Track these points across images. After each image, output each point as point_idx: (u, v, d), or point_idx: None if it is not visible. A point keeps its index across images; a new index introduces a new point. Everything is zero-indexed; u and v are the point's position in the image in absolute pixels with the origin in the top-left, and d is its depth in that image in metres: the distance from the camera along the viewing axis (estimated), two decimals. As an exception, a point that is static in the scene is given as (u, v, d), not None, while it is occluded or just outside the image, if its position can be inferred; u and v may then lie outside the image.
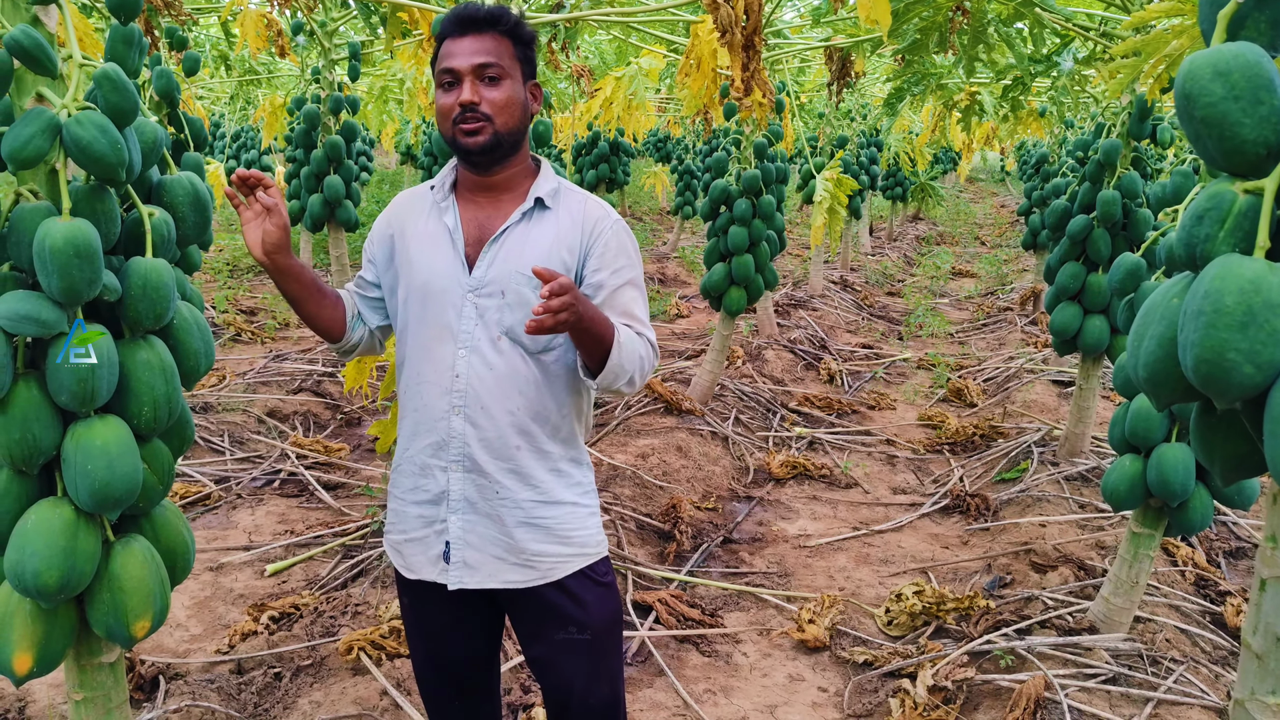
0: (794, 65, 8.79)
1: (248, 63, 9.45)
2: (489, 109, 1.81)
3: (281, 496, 4.59)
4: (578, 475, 1.95)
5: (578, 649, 1.93)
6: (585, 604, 1.93)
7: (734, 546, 4.37)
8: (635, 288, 1.91)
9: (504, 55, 1.83)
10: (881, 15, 2.24)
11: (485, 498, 1.87)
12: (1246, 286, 1.05)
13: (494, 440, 1.85)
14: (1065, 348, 4.83)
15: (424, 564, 1.93)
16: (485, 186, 1.91)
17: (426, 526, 1.91)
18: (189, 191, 1.82)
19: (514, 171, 1.92)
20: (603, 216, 1.91)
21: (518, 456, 1.86)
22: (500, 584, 1.89)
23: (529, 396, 1.86)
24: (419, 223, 1.94)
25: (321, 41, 6.17)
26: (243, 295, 8.98)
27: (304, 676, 3.04)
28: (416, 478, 1.92)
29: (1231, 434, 1.22)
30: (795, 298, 9.42)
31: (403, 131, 14.44)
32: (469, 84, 1.80)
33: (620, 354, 1.80)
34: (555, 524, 1.89)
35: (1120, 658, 3.23)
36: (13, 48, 1.51)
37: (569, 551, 1.91)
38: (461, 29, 1.83)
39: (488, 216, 1.90)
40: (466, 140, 1.82)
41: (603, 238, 1.88)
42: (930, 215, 18.44)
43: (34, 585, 1.60)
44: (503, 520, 1.87)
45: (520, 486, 1.87)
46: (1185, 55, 2.69)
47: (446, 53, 1.84)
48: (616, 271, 1.88)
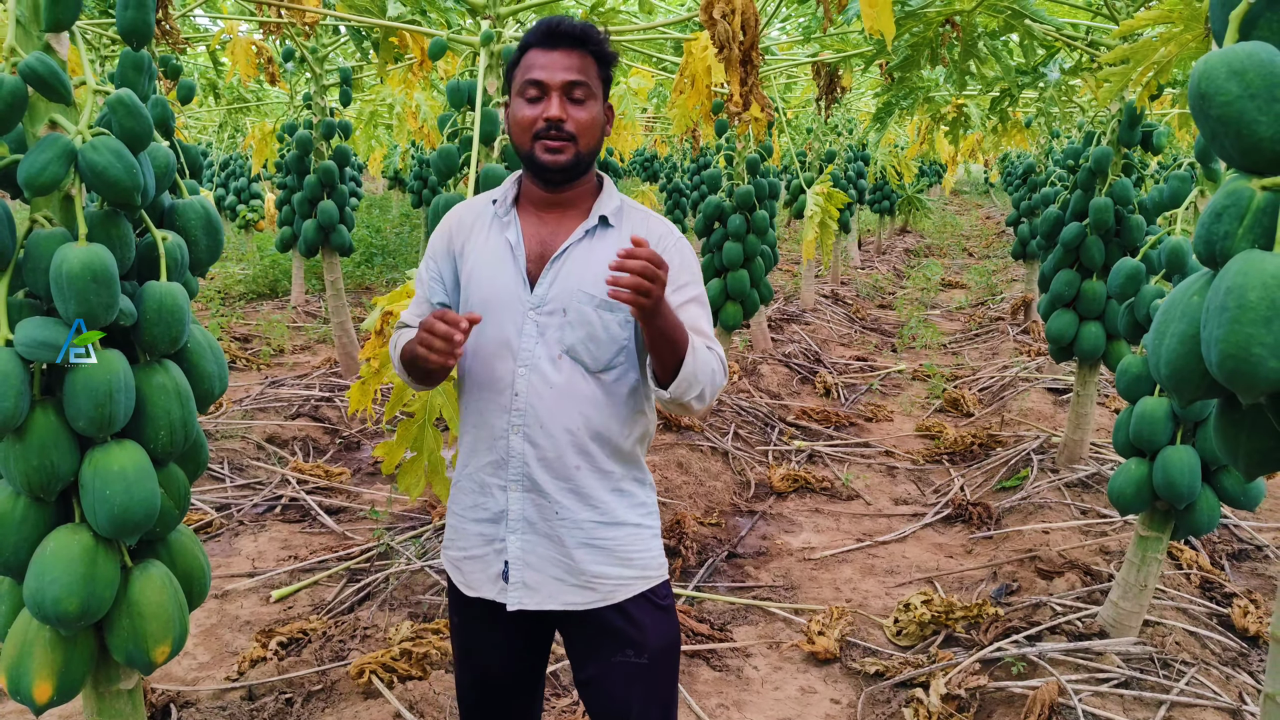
0: (781, 82, 8.85)
1: (237, 90, 9.47)
2: (574, 128, 1.77)
3: (284, 522, 4.57)
4: (641, 495, 1.91)
5: (634, 672, 1.87)
6: (644, 627, 1.87)
7: (739, 561, 4.36)
8: (700, 305, 1.86)
9: (591, 74, 1.80)
10: (886, 26, 2.26)
11: (545, 518, 1.82)
12: (1270, 281, 1.06)
13: (553, 460, 1.81)
14: (1061, 355, 4.86)
15: (484, 582, 1.88)
16: (551, 203, 1.87)
17: (486, 545, 1.87)
18: (201, 215, 1.83)
19: (581, 189, 1.88)
20: (666, 233, 1.88)
21: (577, 476, 1.82)
22: (560, 605, 1.84)
23: (589, 416, 1.81)
24: (480, 237, 1.89)
25: (312, 67, 6.19)
26: (236, 322, 8.96)
27: (315, 701, 3.02)
28: (476, 495, 1.89)
29: (1256, 429, 1.23)
30: (788, 312, 9.46)
31: (391, 156, 14.48)
32: (557, 100, 1.76)
33: (695, 362, 1.74)
34: (616, 545, 1.85)
35: (1132, 661, 3.23)
36: (28, 75, 1.51)
37: (630, 574, 1.86)
38: (552, 42, 1.78)
39: (550, 233, 1.86)
40: (547, 157, 1.78)
41: (667, 255, 1.84)
42: (917, 228, 18.58)
43: (54, 612, 1.59)
44: (563, 541, 1.82)
45: (580, 506, 1.83)
46: (1173, 62, 2.74)
47: (533, 63, 1.78)
48: (681, 288, 1.84)
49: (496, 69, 3.32)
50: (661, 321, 1.67)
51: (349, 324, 6.83)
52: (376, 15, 4.20)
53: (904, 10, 3.47)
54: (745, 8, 2.87)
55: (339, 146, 6.51)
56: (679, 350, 1.72)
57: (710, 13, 2.92)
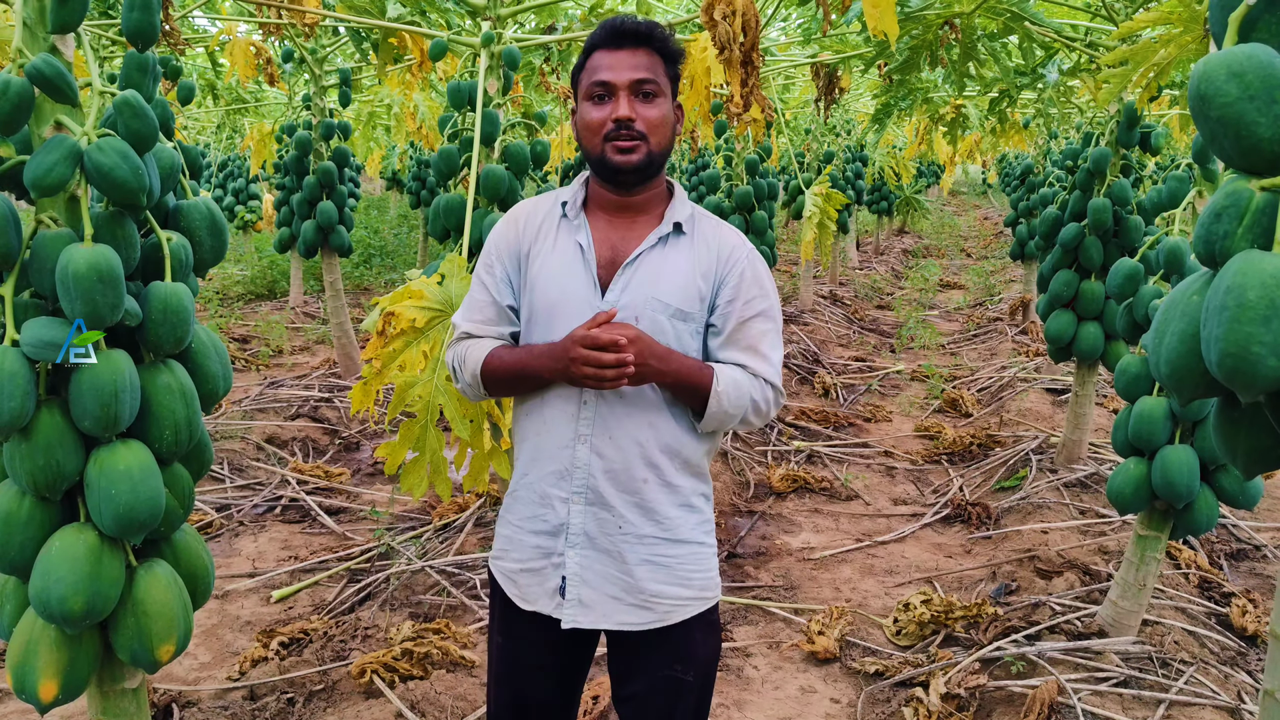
0: (779, 83, 8.87)
1: (235, 91, 9.47)
2: (644, 127, 1.73)
3: (284, 523, 4.58)
4: (706, 512, 1.87)
5: (680, 688, 1.83)
6: (695, 642, 1.84)
7: (739, 561, 4.37)
8: (768, 320, 1.83)
9: (659, 72, 1.76)
10: (889, 27, 2.26)
11: (606, 532, 1.77)
12: (1269, 281, 1.06)
13: (620, 472, 1.76)
14: (1060, 355, 4.87)
15: (540, 596, 1.82)
16: (622, 206, 1.83)
17: (544, 558, 1.81)
18: (206, 216, 1.84)
19: (653, 193, 1.84)
20: (739, 245, 1.84)
21: (644, 490, 1.77)
22: (615, 625, 1.79)
23: (659, 428, 1.77)
24: (549, 238, 1.83)
25: (312, 68, 6.19)
26: (234, 323, 8.96)
27: (317, 701, 3.02)
28: (535, 506, 1.82)
29: (1254, 427, 1.24)
30: (786, 313, 9.46)
31: (389, 157, 14.48)
32: (625, 99, 1.72)
33: (720, 404, 1.73)
34: (678, 564, 1.80)
35: (1131, 660, 3.24)
36: (34, 77, 1.52)
37: (689, 595, 1.82)
38: (617, 42, 1.75)
39: (621, 238, 1.82)
40: (618, 158, 1.74)
41: (738, 267, 1.80)
42: (915, 229, 18.60)
43: (59, 611, 1.60)
44: (624, 557, 1.78)
45: (644, 521, 1.78)
46: (1173, 64, 2.75)
47: (599, 64, 1.75)
48: (749, 302, 1.80)
49: (497, 70, 3.33)
50: (658, 379, 1.71)
51: (348, 325, 6.84)
52: (376, 16, 4.21)
53: (904, 12, 3.48)
54: (746, 9, 2.88)
55: (338, 147, 6.51)
56: (700, 394, 1.73)
57: (711, 14, 2.92)
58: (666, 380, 1.71)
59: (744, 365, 1.79)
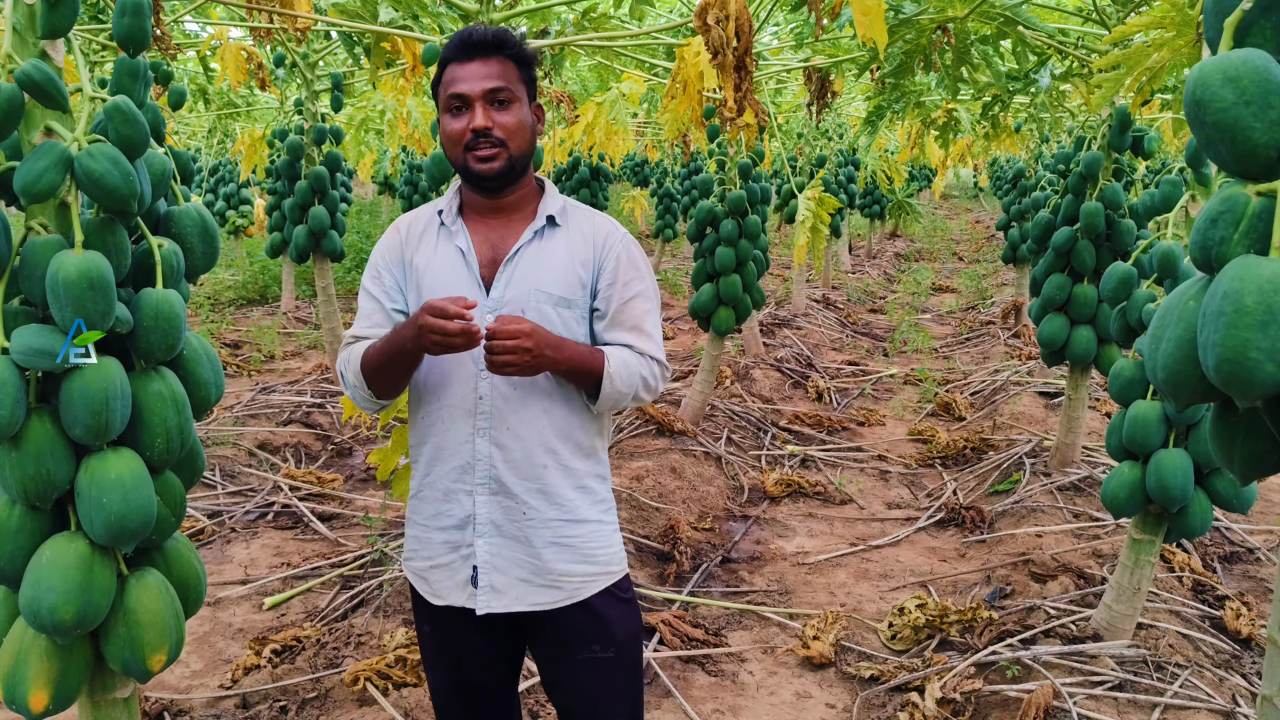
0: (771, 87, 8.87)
1: (226, 96, 9.44)
2: (502, 133, 1.80)
3: (276, 529, 4.56)
4: (602, 492, 1.95)
5: (601, 667, 1.91)
6: (609, 621, 1.91)
7: (733, 566, 4.37)
8: (647, 300, 1.92)
9: (512, 78, 1.83)
10: (879, 35, 2.27)
11: (512, 519, 1.85)
12: (1266, 286, 1.06)
13: (521, 461, 1.84)
14: (1053, 359, 4.88)
15: (451, 589, 1.90)
16: (495, 209, 1.91)
17: (453, 552, 1.89)
18: (197, 222, 1.82)
19: (523, 193, 1.92)
20: (612, 231, 1.93)
21: (545, 475, 1.85)
22: (527, 606, 1.87)
23: (553, 415, 1.85)
24: (429, 246, 1.91)
25: (304, 73, 6.18)
26: (226, 329, 8.93)
27: (310, 709, 3.00)
28: (440, 503, 1.89)
29: (1251, 432, 1.23)
30: (779, 317, 9.47)
31: (380, 162, 14.46)
32: (480, 109, 1.79)
33: (614, 384, 1.82)
34: (581, 543, 1.88)
35: (1125, 664, 3.24)
36: (24, 82, 1.51)
37: (594, 570, 1.90)
38: (468, 53, 1.81)
39: (500, 237, 1.90)
40: (480, 167, 1.81)
41: (614, 251, 1.90)
42: (908, 232, 18.63)
43: (50, 621, 1.58)
44: (530, 542, 1.85)
45: (547, 505, 1.86)
46: (1165, 68, 2.76)
47: (453, 78, 1.82)
48: (627, 284, 1.89)
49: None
50: (554, 368, 1.77)
51: (340, 330, 6.81)
52: (368, 21, 4.20)
53: (897, 17, 3.48)
54: (739, 14, 2.88)
55: (330, 152, 6.50)
56: (593, 377, 1.82)
57: (704, 18, 2.92)
58: (561, 368, 1.79)
59: (630, 345, 1.89)
